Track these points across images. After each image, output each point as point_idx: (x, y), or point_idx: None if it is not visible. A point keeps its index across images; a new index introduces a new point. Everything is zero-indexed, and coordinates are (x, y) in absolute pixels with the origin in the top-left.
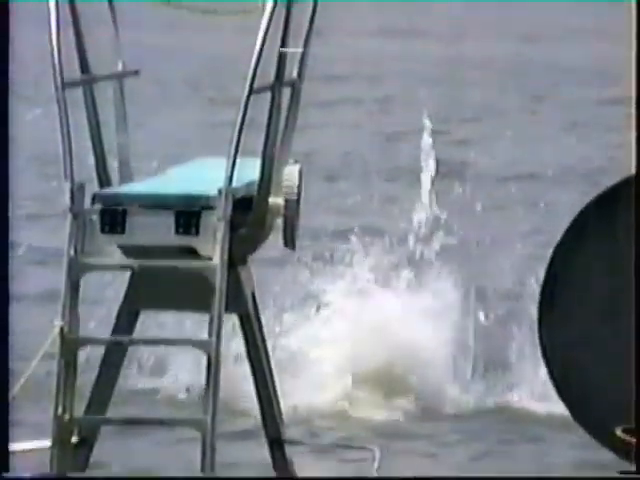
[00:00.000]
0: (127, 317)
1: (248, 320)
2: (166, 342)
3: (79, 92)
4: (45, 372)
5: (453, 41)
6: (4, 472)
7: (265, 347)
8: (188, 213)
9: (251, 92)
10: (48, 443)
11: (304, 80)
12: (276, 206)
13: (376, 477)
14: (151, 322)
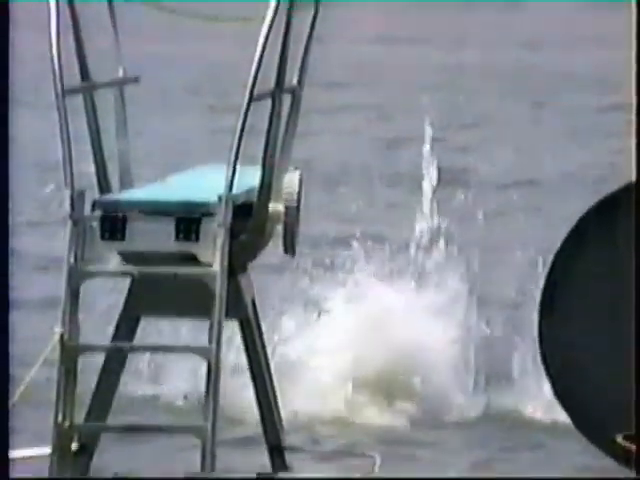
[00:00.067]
0: (127, 324)
1: (248, 326)
2: (166, 349)
3: (79, 99)
4: (45, 378)
5: (453, 48)
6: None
7: (265, 353)
8: (188, 220)
9: (251, 99)
10: (48, 450)
11: (304, 87)
12: (276, 213)
13: (376, 477)
14: (152, 329)
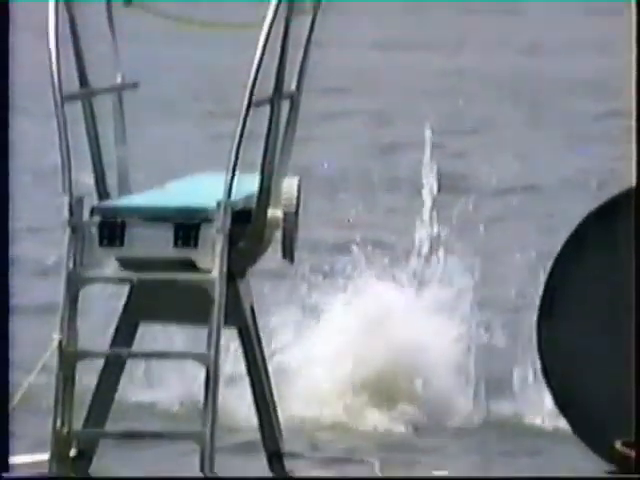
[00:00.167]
0: (126, 330)
1: (247, 333)
2: (164, 355)
3: (77, 104)
4: (45, 384)
5: (452, 53)
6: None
7: (264, 360)
8: (187, 226)
9: (250, 104)
10: (46, 456)
11: (302, 92)
12: (275, 219)
13: (376, 477)
14: (148, 336)
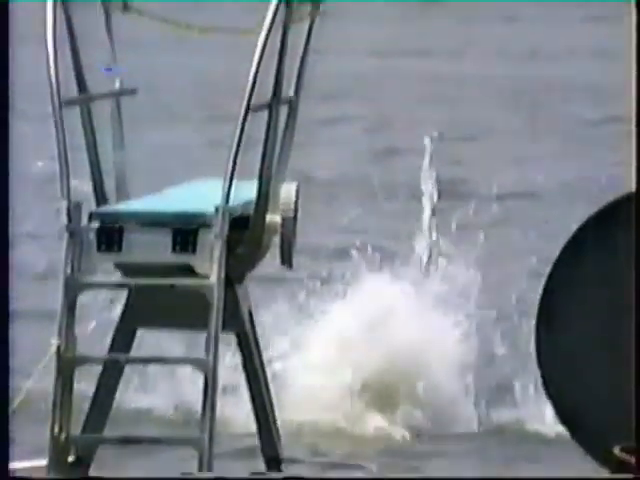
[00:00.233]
0: (124, 335)
1: (245, 338)
2: (162, 360)
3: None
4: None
5: (451, 60)
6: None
7: (262, 365)
8: (185, 231)
9: (248, 110)
10: (44, 462)
11: (301, 98)
12: (273, 224)
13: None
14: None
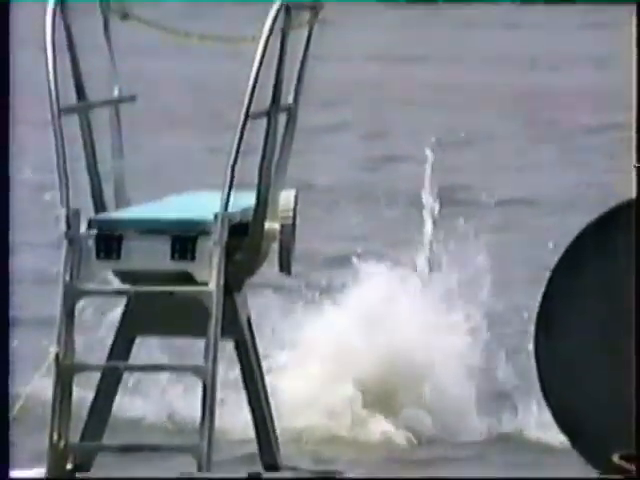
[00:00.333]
0: (123, 343)
1: (244, 345)
2: (161, 368)
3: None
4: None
5: (451, 66)
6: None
7: (261, 372)
8: (184, 238)
9: (247, 117)
10: (43, 470)
11: (300, 105)
12: (272, 231)
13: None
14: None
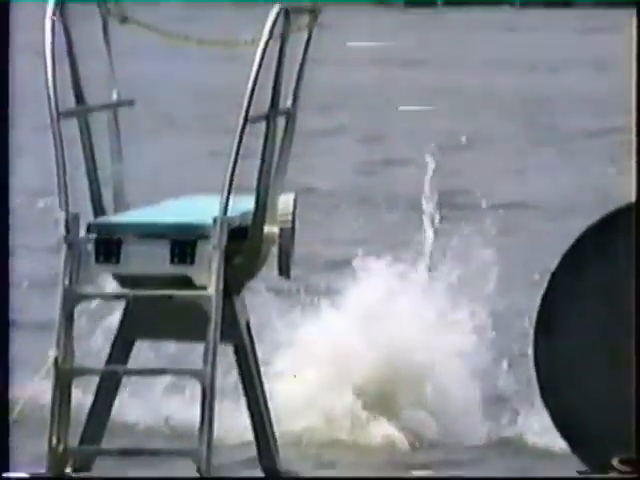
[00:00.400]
0: (122, 347)
1: (243, 349)
2: (160, 372)
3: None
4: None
5: (451, 70)
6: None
7: (260, 376)
8: (183, 242)
9: (246, 121)
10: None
11: (299, 108)
12: (271, 235)
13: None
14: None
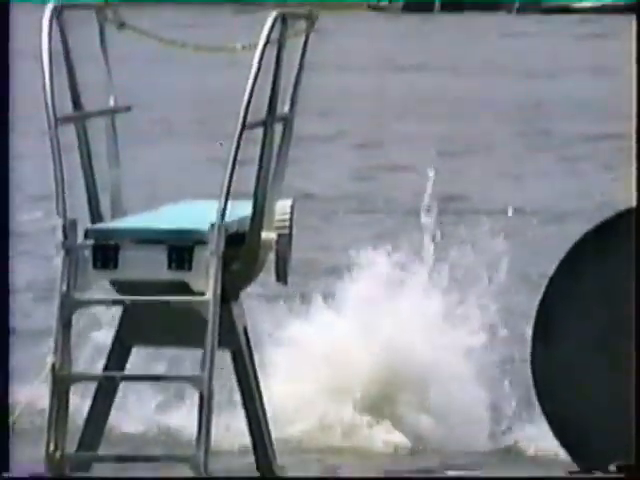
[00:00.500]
0: (119, 353)
1: (240, 355)
2: (157, 378)
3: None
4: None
5: (450, 75)
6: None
7: (257, 381)
8: (181, 248)
9: (244, 127)
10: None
11: (296, 114)
12: (268, 241)
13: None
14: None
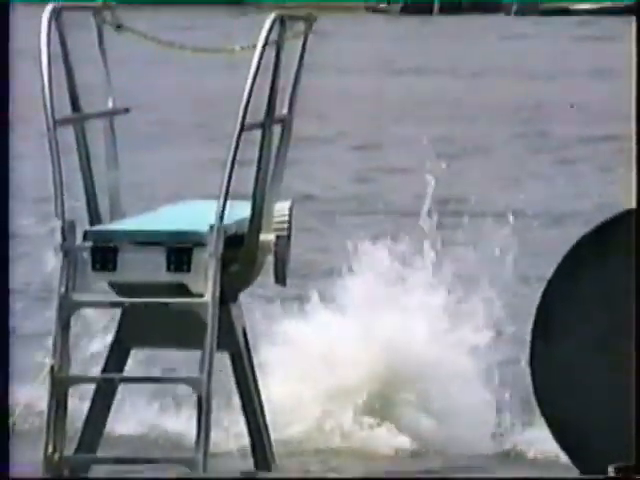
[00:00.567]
0: (118, 355)
1: (239, 356)
2: (155, 380)
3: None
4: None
5: (449, 78)
6: None
7: (256, 383)
8: (179, 250)
9: (242, 129)
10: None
11: (295, 116)
12: (267, 242)
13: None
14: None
